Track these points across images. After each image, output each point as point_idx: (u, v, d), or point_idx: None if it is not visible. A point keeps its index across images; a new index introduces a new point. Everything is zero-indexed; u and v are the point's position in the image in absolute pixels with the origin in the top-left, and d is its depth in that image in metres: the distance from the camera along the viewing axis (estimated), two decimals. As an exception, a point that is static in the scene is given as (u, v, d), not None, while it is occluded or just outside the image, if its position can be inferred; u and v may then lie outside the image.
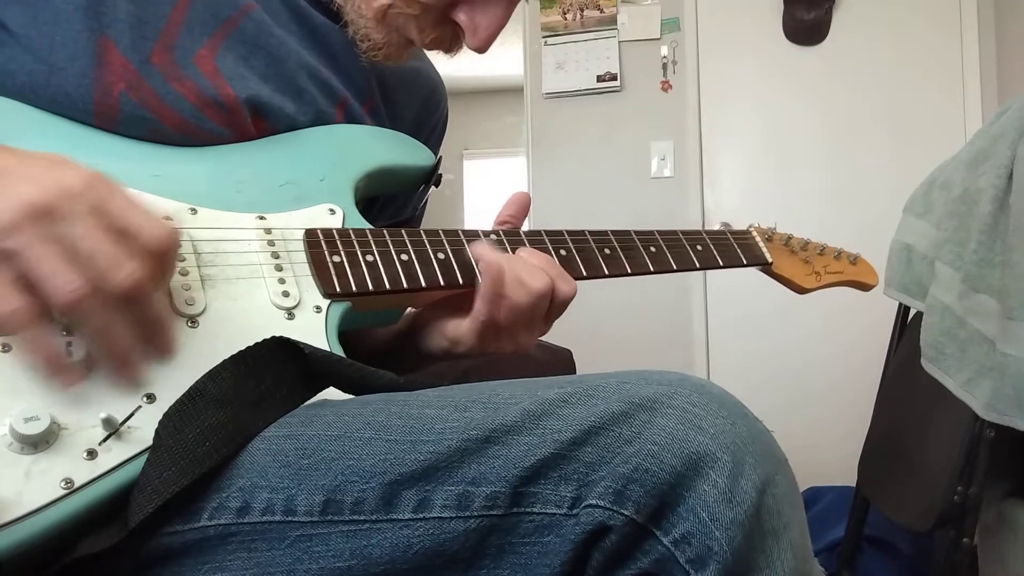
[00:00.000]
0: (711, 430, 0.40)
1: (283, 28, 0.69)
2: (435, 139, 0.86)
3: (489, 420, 0.42)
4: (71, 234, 0.42)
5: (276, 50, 0.66)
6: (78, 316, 0.43)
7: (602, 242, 0.72)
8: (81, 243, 0.42)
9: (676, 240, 0.77)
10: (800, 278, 0.86)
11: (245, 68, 0.64)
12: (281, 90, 0.66)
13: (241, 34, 0.65)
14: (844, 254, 0.91)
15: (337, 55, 0.72)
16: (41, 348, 0.43)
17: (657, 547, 0.39)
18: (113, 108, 0.58)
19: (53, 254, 0.42)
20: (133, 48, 0.59)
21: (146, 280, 0.44)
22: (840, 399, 2.53)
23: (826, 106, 2.71)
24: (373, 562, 0.42)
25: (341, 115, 0.71)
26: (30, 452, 0.42)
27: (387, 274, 0.60)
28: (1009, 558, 1.29)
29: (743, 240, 0.83)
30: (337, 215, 0.63)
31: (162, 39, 0.60)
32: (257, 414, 0.47)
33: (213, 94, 0.61)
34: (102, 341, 0.44)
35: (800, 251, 0.88)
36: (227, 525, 0.44)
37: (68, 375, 0.44)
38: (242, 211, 0.59)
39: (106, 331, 0.44)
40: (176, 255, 0.46)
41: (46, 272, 0.41)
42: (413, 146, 0.73)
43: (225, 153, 0.62)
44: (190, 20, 0.62)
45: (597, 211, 2.89)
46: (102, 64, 0.57)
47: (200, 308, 0.52)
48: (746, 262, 0.81)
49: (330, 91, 0.70)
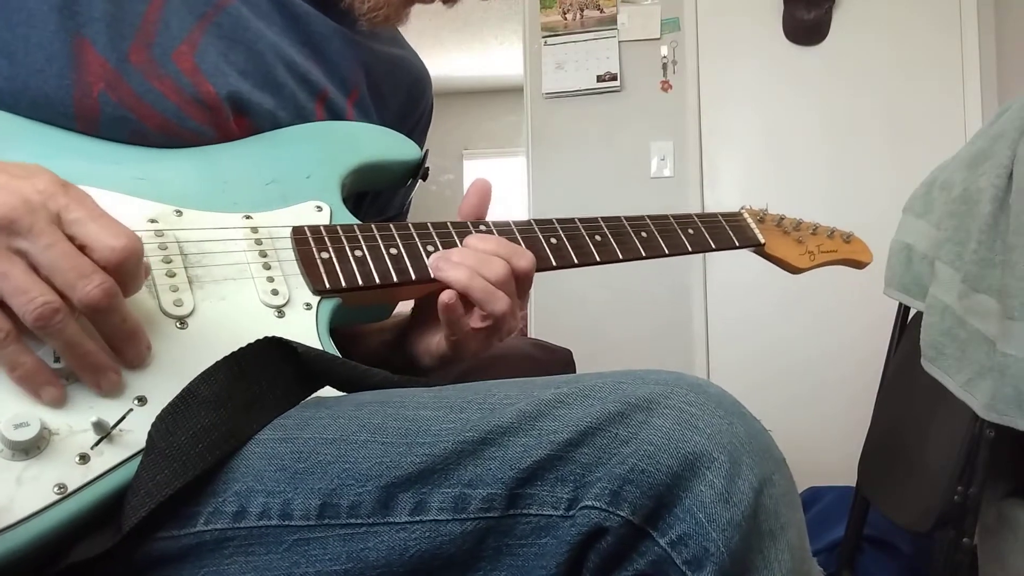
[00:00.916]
0: (708, 430, 0.40)
1: (263, 19, 0.68)
2: (420, 129, 0.85)
3: (485, 422, 0.42)
4: (33, 247, 0.42)
5: (254, 44, 0.65)
6: (45, 332, 0.42)
7: (592, 229, 0.72)
8: (43, 255, 0.42)
9: (667, 224, 0.76)
10: (793, 258, 0.85)
11: (225, 64, 0.63)
12: (260, 86, 0.65)
13: (218, 29, 0.64)
14: (838, 232, 0.89)
15: (320, 45, 0.71)
16: (19, 366, 0.43)
17: (654, 548, 0.38)
18: (94, 109, 0.57)
19: (17, 270, 0.42)
20: (111, 47, 0.58)
21: (113, 291, 0.43)
22: (840, 399, 2.53)
23: (826, 106, 2.70)
24: (370, 565, 0.41)
25: (321, 109, 0.70)
26: (21, 458, 0.42)
27: (376, 269, 0.59)
28: (1009, 558, 1.29)
29: (735, 222, 0.82)
30: (324, 212, 0.62)
31: (139, 36, 0.59)
32: (251, 415, 0.47)
33: (193, 92, 0.60)
34: (71, 355, 0.44)
35: (793, 231, 0.87)
36: (223, 530, 0.43)
37: (49, 391, 0.44)
38: (228, 211, 0.58)
39: (75, 345, 0.43)
40: (141, 262, 0.46)
41: (11, 288, 0.41)
42: (399, 140, 0.73)
43: (209, 153, 0.61)
44: (167, 16, 0.61)
45: (597, 211, 2.81)
46: (80, 64, 0.56)
47: (188, 309, 0.51)
48: (738, 244, 0.81)
49: (309, 84, 0.69)
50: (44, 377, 0.44)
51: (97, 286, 0.43)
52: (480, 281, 0.59)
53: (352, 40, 0.74)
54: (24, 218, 0.42)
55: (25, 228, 0.42)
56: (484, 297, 0.59)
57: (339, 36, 0.73)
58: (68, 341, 0.43)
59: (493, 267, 0.60)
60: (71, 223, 0.44)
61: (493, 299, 0.60)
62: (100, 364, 0.45)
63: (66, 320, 0.42)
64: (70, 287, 0.42)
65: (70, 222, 0.44)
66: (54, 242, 0.42)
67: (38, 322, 0.41)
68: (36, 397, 0.44)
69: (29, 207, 0.42)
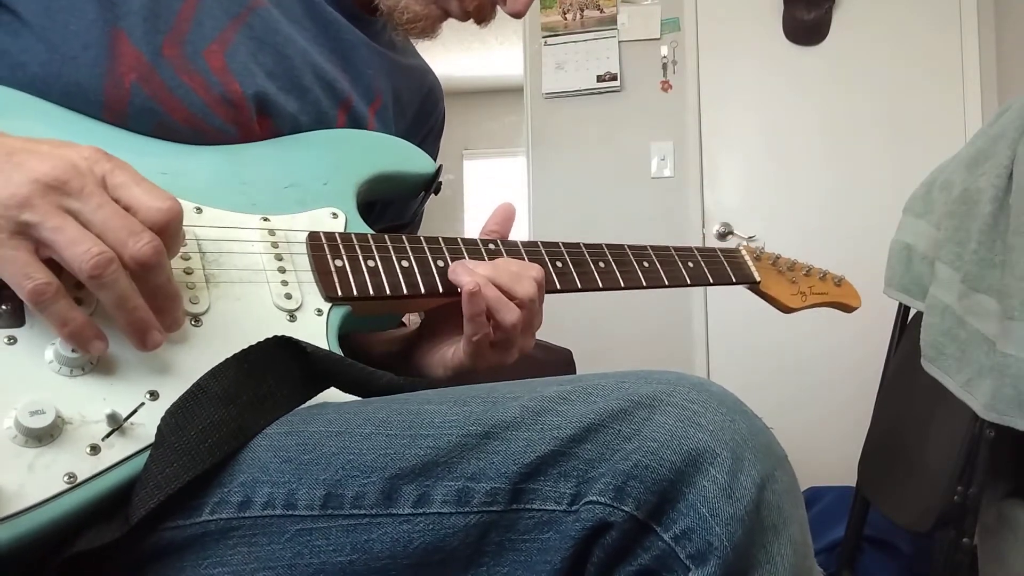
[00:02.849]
0: (710, 427, 0.40)
1: (295, 24, 0.69)
2: (432, 140, 0.86)
3: (488, 416, 0.43)
4: (85, 207, 0.44)
5: (283, 47, 0.67)
6: (99, 284, 0.43)
7: (597, 256, 0.73)
8: (95, 215, 0.44)
9: (669, 256, 0.79)
10: (786, 298, 0.89)
11: (254, 64, 0.64)
12: (286, 88, 0.66)
13: (250, 30, 0.65)
14: (829, 276, 0.94)
15: (347, 53, 0.73)
16: (70, 320, 0.44)
17: (657, 543, 0.39)
18: (123, 100, 0.58)
19: (71, 224, 0.43)
20: (145, 40, 0.59)
21: (161, 248, 0.45)
22: (840, 399, 2.53)
23: (826, 106, 2.70)
24: (374, 556, 0.42)
25: (344, 117, 0.71)
26: (34, 445, 0.42)
27: (388, 280, 0.61)
28: (1009, 558, 1.29)
29: (733, 259, 0.86)
30: (339, 219, 0.63)
31: (174, 32, 0.61)
32: (259, 412, 0.47)
33: (221, 90, 0.62)
34: (121, 309, 0.45)
35: (787, 271, 0.91)
36: (228, 520, 0.44)
37: (98, 345, 0.45)
38: (247, 212, 0.59)
39: (127, 298, 0.44)
40: (181, 225, 0.47)
41: (66, 240, 0.42)
42: (415, 153, 0.74)
43: (230, 152, 0.62)
44: (200, 15, 0.63)
45: (597, 211, 2.89)
46: (114, 55, 0.58)
47: (204, 307, 0.52)
48: (735, 280, 0.85)
49: (334, 92, 0.70)
50: (93, 331, 0.45)
51: (148, 243, 0.44)
52: (493, 290, 0.61)
53: (376, 50, 0.76)
54: (74, 180, 0.44)
55: (76, 189, 0.44)
56: (496, 305, 0.61)
57: (364, 45, 0.74)
58: (121, 294, 0.44)
59: (507, 278, 0.62)
60: (116, 187, 0.45)
61: (504, 308, 0.61)
62: (147, 320, 0.46)
63: (119, 272, 0.44)
64: (121, 244, 0.43)
65: (115, 186, 0.45)
66: (104, 203, 0.44)
67: (94, 271, 0.42)
68: (86, 351, 0.45)
69: (78, 171, 0.44)
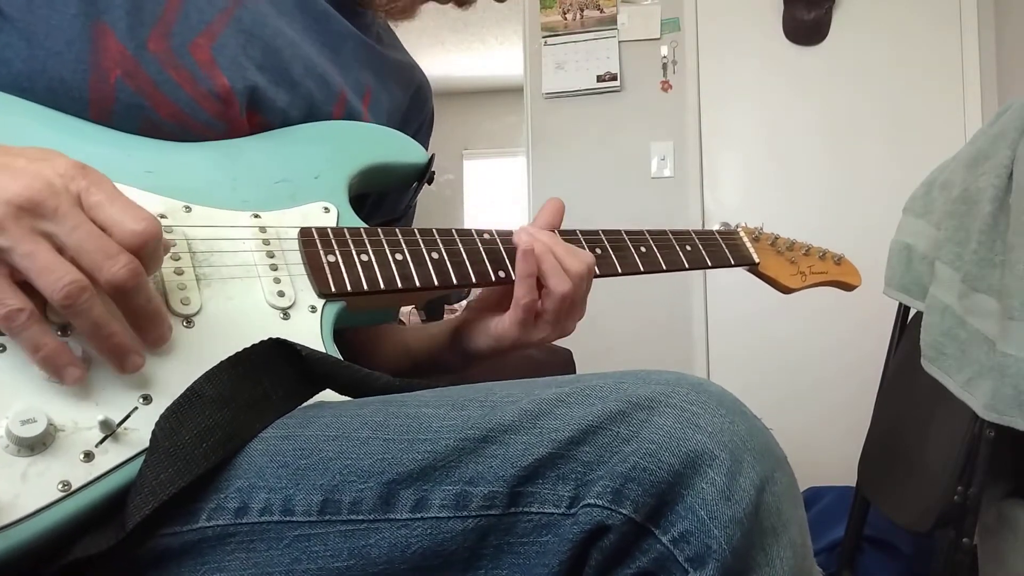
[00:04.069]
0: (709, 428, 0.40)
1: (284, 16, 0.68)
2: (422, 135, 0.85)
3: (486, 419, 0.42)
4: (59, 229, 0.42)
5: (272, 40, 0.66)
6: (72, 312, 0.42)
7: (593, 242, 0.72)
8: (69, 238, 0.42)
9: (666, 240, 0.77)
10: (785, 278, 0.88)
11: (243, 57, 0.63)
12: (276, 82, 0.65)
13: (238, 23, 0.64)
14: (829, 254, 0.93)
15: (337, 45, 0.72)
16: (42, 346, 0.43)
17: (656, 546, 0.38)
18: (109, 96, 0.57)
19: (44, 249, 0.42)
20: (130, 34, 0.58)
21: (139, 270, 0.43)
22: (840, 399, 2.53)
23: (826, 106, 2.70)
24: (371, 562, 0.41)
25: (339, 111, 0.70)
26: (27, 454, 0.42)
27: (382, 274, 0.60)
28: (1009, 558, 1.29)
29: (731, 240, 0.84)
30: (331, 213, 0.62)
31: (159, 25, 0.60)
32: (254, 416, 0.47)
33: (208, 84, 0.61)
34: (96, 337, 0.44)
35: (786, 251, 0.90)
36: (225, 526, 0.43)
37: (72, 372, 0.44)
38: (237, 209, 0.58)
39: (102, 325, 0.43)
40: (160, 244, 0.46)
41: (38, 268, 0.41)
42: (406, 143, 0.73)
43: (219, 148, 0.61)
44: (187, 7, 0.61)
45: (597, 211, 2.88)
46: (98, 50, 0.56)
47: (195, 308, 0.51)
48: (734, 262, 0.83)
49: (327, 86, 0.69)
50: (67, 358, 0.43)
51: (123, 266, 0.43)
52: (549, 256, 0.65)
53: (364, 42, 0.75)
54: (49, 200, 0.42)
55: (50, 210, 0.42)
56: (549, 271, 0.65)
57: (354, 38, 0.73)
58: (95, 321, 0.43)
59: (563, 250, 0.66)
60: (92, 206, 0.44)
61: (557, 275, 0.65)
62: (125, 345, 0.45)
63: (93, 299, 0.42)
64: (97, 268, 0.42)
65: (91, 205, 0.44)
66: (79, 224, 0.42)
67: (67, 300, 0.41)
68: (59, 378, 0.43)
69: (52, 190, 0.42)
